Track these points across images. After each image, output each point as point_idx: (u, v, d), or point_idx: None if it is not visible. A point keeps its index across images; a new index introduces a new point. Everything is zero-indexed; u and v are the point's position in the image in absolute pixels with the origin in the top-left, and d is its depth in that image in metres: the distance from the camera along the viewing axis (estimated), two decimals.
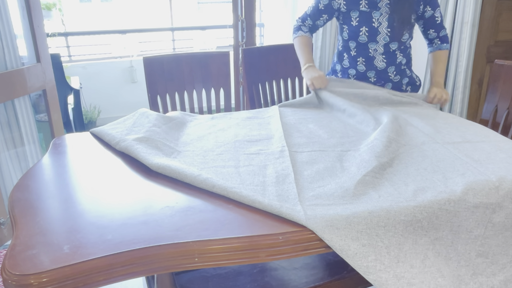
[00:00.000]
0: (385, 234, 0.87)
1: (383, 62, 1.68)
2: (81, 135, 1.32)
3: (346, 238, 0.83)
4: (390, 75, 1.71)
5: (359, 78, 1.72)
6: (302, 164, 1.10)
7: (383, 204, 0.90)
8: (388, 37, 1.64)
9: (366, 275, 0.84)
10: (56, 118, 2.29)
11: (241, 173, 1.04)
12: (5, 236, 2.01)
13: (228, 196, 0.93)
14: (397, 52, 1.68)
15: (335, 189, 0.97)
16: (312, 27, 1.76)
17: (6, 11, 1.97)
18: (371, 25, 1.64)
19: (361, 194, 0.95)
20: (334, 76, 1.81)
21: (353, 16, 1.65)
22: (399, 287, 0.86)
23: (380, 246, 0.86)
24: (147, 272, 0.74)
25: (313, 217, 0.84)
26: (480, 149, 1.18)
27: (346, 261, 0.83)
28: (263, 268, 1.30)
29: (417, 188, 0.97)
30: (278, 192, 0.95)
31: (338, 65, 1.79)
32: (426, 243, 0.91)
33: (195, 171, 1.01)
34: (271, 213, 0.86)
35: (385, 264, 0.86)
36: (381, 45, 1.66)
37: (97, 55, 5.40)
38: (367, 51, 1.68)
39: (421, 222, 0.90)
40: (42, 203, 0.89)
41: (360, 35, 1.66)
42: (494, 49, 2.76)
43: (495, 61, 1.72)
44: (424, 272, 0.90)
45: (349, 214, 0.86)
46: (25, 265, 0.68)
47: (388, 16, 1.62)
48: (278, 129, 1.33)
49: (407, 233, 0.89)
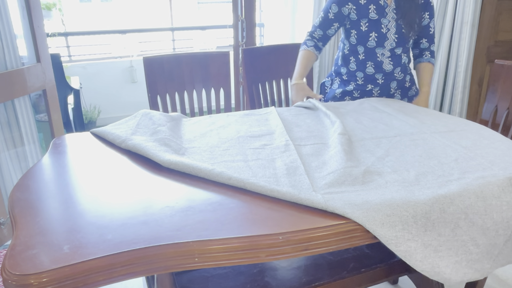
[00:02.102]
0: (408, 205, 0.88)
1: (390, 65, 1.72)
2: (81, 135, 1.32)
3: (369, 211, 0.85)
4: (396, 75, 1.75)
5: (367, 80, 1.75)
6: (308, 156, 1.13)
7: (393, 188, 0.95)
8: (395, 43, 1.68)
9: (397, 247, 0.85)
10: (56, 118, 2.29)
11: (252, 167, 1.05)
12: (5, 236, 2.01)
13: (245, 188, 0.95)
14: (402, 54, 1.73)
15: (345, 177, 0.99)
16: (322, 37, 1.77)
17: (6, 11, 1.97)
18: (380, 30, 1.67)
19: (369, 181, 0.99)
20: (338, 78, 1.84)
21: (363, 22, 1.68)
22: (426, 255, 0.87)
23: (405, 215, 0.87)
24: (147, 272, 0.74)
25: (332, 199, 0.88)
26: (465, 137, 1.26)
27: (374, 234, 0.83)
28: (263, 268, 1.30)
29: (418, 173, 1.02)
30: (292, 183, 0.97)
31: (344, 68, 1.80)
32: (456, 212, 0.91)
33: (208, 166, 1.02)
34: (271, 213, 0.86)
35: (413, 234, 0.86)
36: (388, 50, 1.70)
37: (97, 55, 5.40)
38: (375, 56, 1.71)
39: (445, 196, 0.92)
40: (42, 203, 0.89)
41: (369, 40, 1.69)
42: (494, 49, 2.76)
43: (495, 61, 1.72)
44: (453, 241, 0.90)
45: (364, 197, 0.90)
46: (25, 265, 0.68)
47: (395, 23, 1.66)
48: (278, 125, 1.35)
49: (430, 202, 0.90)
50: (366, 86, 1.75)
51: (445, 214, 0.90)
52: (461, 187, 0.94)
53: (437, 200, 0.90)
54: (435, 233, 0.89)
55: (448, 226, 0.90)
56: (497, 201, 0.94)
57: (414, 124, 1.37)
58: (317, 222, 0.83)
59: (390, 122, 1.40)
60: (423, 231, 0.87)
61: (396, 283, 1.76)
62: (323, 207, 0.87)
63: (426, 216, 0.88)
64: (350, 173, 1.01)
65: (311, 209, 0.88)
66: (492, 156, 1.11)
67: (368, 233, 0.84)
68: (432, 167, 1.05)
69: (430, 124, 1.37)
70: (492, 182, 0.96)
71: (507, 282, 1.75)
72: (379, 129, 1.33)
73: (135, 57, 4.76)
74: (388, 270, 1.35)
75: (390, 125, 1.37)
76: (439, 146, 1.19)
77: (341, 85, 1.82)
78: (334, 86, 1.85)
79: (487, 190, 0.94)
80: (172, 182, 0.99)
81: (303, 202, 0.89)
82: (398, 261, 1.37)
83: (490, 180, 0.97)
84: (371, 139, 1.25)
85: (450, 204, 0.90)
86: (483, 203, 0.93)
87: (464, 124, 1.38)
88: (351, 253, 1.39)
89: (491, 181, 0.96)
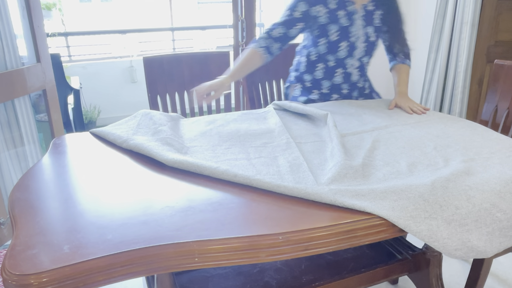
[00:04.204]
0: (411, 188, 0.90)
1: (357, 76, 1.68)
2: (81, 135, 1.32)
3: (376, 199, 0.87)
4: (359, 84, 1.72)
5: (332, 90, 1.68)
6: (309, 153, 1.14)
7: (391, 180, 0.97)
8: (364, 51, 1.63)
9: (417, 227, 0.82)
10: (56, 118, 2.29)
11: (255, 164, 1.06)
12: (5, 236, 2.01)
13: (250, 185, 0.95)
14: (367, 63, 1.71)
15: (347, 170, 1.00)
16: (282, 37, 1.54)
17: (6, 11, 1.97)
18: (349, 40, 1.59)
19: (369, 174, 1.01)
20: (300, 85, 1.73)
21: (332, 30, 1.57)
22: (451, 231, 0.84)
23: (412, 196, 0.87)
24: (147, 272, 0.74)
25: (339, 191, 0.89)
26: (431, 126, 1.33)
27: (389, 220, 0.83)
28: (263, 268, 1.30)
29: (408, 164, 1.05)
30: (296, 180, 0.97)
31: (308, 75, 1.70)
32: (458, 185, 0.92)
33: (212, 164, 1.02)
34: (271, 213, 0.86)
35: (428, 211, 0.85)
36: (356, 59, 1.64)
37: (97, 55, 5.40)
38: (344, 66, 1.64)
39: (441, 177, 0.95)
40: (42, 203, 0.89)
41: (339, 50, 1.60)
42: (494, 49, 2.76)
43: (495, 61, 1.72)
44: (476, 211, 0.88)
45: (369, 188, 0.92)
46: (25, 265, 0.68)
47: (364, 30, 1.60)
48: (277, 123, 1.35)
49: (430, 182, 0.91)
50: (330, 95, 1.69)
51: (449, 189, 0.91)
52: (450, 172, 0.98)
53: (435, 180, 0.93)
54: (453, 207, 0.87)
55: (461, 198, 0.89)
56: None
57: (384, 118, 1.41)
58: (317, 222, 0.83)
59: (361, 117, 1.43)
60: (438, 207, 0.86)
61: (396, 283, 1.76)
62: (331, 201, 0.87)
63: (432, 192, 0.89)
64: (350, 165, 1.02)
65: (311, 209, 0.88)
66: (462, 142, 1.19)
67: (368, 234, 0.84)
68: (418, 157, 1.09)
69: (397, 117, 1.42)
70: (474, 165, 1.03)
71: (507, 282, 1.75)
72: (355, 125, 1.35)
73: (135, 57, 4.76)
74: (388, 270, 1.34)
75: (363, 121, 1.40)
76: (416, 136, 1.24)
77: (304, 93, 1.72)
78: (295, 93, 1.75)
79: (473, 171, 1.00)
80: (172, 182, 0.99)
81: (310, 197, 0.89)
82: (398, 261, 1.37)
83: (471, 164, 1.03)
84: (353, 134, 1.27)
85: (448, 181, 0.93)
86: (476, 176, 0.98)
87: (426, 115, 1.46)
88: (351, 253, 1.39)
89: (473, 164, 1.03)
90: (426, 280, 1.39)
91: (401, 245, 1.43)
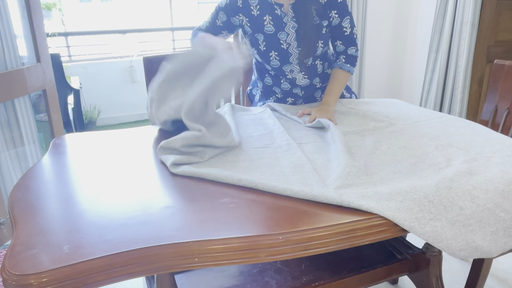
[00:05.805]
0: (415, 189, 0.89)
1: (305, 79, 1.56)
2: (81, 135, 1.32)
3: (381, 201, 0.86)
4: (317, 85, 1.61)
5: (286, 95, 1.61)
6: (311, 153, 1.13)
7: (395, 179, 0.97)
8: (306, 53, 1.49)
9: (422, 229, 0.83)
10: (56, 118, 2.29)
11: (258, 166, 1.05)
12: (5, 236, 2.01)
13: (256, 188, 0.95)
14: (317, 63, 1.55)
15: (350, 168, 1.00)
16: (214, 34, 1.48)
17: (6, 11, 1.97)
18: (279, 47, 1.47)
19: (371, 173, 1.00)
20: (259, 89, 1.70)
21: (260, 40, 1.48)
22: (456, 232, 0.85)
23: (417, 198, 0.87)
24: (147, 272, 0.74)
25: (345, 194, 0.89)
26: (431, 126, 1.32)
27: (394, 221, 0.83)
28: (263, 268, 1.30)
29: (411, 164, 1.05)
30: (301, 180, 0.97)
31: (260, 82, 1.65)
32: (462, 186, 0.92)
33: (216, 169, 1.02)
34: (271, 213, 0.86)
35: (433, 213, 0.85)
36: (295, 64, 1.51)
37: (97, 55, 5.39)
38: (284, 74, 1.54)
39: (444, 178, 0.94)
40: (42, 203, 0.89)
41: (271, 60, 1.50)
42: (494, 49, 2.76)
43: (495, 61, 1.72)
44: (480, 211, 0.88)
45: (374, 189, 0.91)
46: (25, 265, 0.68)
47: (295, 35, 1.46)
48: (276, 124, 1.35)
49: (434, 183, 0.91)
50: (285, 100, 1.62)
51: (453, 189, 0.90)
52: (454, 172, 0.97)
53: (440, 181, 0.92)
54: (457, 208, 0.87)
55: (466, 198, 0.89)
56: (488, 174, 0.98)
57: (383, 119, 1.39)
58: (317, 222, 0.83)
59: (362, 115, 1.43)
60: (442, 208, 0.87)
61: (396, 283, 1.76)
62: (338, 202, 0.87)
63: (437, 193, 0.89)
64: (353, 164, 1.02)
65: (311, 209, 0.88)
66: (463, 142, 1.18)
67: (369, 234, 0.84)
68: (420, 157, 1.09)
69: (395, 117, 1.41)
70: (477, 165, 1.02)
71: (507, 282, 1.75)
72: (356, 124, 1.35)
73: (135, 57, 4.76)
74: (388, 270, 1.34)
75: (364, 119, 1.40)
76: (416, 136, 1.23)
77: (261, 98, 1.68)
78: (256, 97, 1.71)
79: (476, 170, 1.00)
80: (172, 182, 0.99)
81: (316, 199, 0.89)
82: (398, 261, 1.37)
83: (473, 164, 1.03)
84: (355, 133, 1.27)
85: (452, 182, 0.93)
86: (479, 176, 0.97)
87: (424, 115, 1.45)
88: (351, 253, 1.39)
89: (475, 164, 1.03)
90: (426, 280, 1.39)
91: (401, 245, 1.43)
